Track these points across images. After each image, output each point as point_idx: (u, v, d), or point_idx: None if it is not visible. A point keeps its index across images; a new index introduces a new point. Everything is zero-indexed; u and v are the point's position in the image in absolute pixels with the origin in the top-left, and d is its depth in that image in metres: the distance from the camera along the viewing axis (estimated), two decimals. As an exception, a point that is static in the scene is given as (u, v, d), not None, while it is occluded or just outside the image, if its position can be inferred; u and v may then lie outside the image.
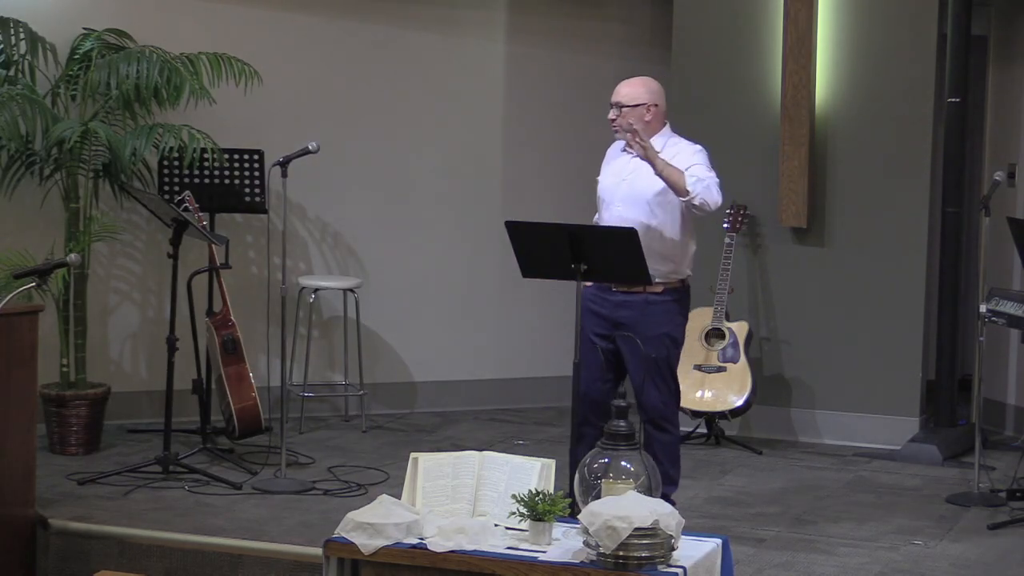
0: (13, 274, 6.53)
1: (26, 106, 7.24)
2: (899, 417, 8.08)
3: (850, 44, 8.14)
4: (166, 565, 6.09)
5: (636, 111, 6.18)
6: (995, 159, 8.50)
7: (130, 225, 8.13)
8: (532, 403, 8.93)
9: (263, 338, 7.73)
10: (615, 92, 6.24)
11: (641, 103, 6.19)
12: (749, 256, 8.33)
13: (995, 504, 6.89)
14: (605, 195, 6.29)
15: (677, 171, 6.01)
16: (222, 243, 7.57)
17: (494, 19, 8.87)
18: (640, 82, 6.26)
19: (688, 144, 6.22)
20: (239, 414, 7.39)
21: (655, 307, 6.15)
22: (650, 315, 6.15)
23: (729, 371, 7.97)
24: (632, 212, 6.16)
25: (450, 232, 8.83)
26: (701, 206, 6.06)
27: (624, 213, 6.17)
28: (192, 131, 7.47)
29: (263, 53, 8.08)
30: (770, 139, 8.21)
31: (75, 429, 7.48)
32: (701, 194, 6.02)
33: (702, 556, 4.80)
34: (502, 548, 4.81)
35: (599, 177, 6.37)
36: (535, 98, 8.99)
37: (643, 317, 6.14)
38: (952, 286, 8.13)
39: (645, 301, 6.14)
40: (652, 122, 6.20)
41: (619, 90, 6.24)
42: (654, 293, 6.14)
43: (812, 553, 6.18)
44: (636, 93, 6.21)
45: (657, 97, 6.24)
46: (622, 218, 6.15)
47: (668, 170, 5.99)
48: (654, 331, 6.13)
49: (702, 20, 8.40)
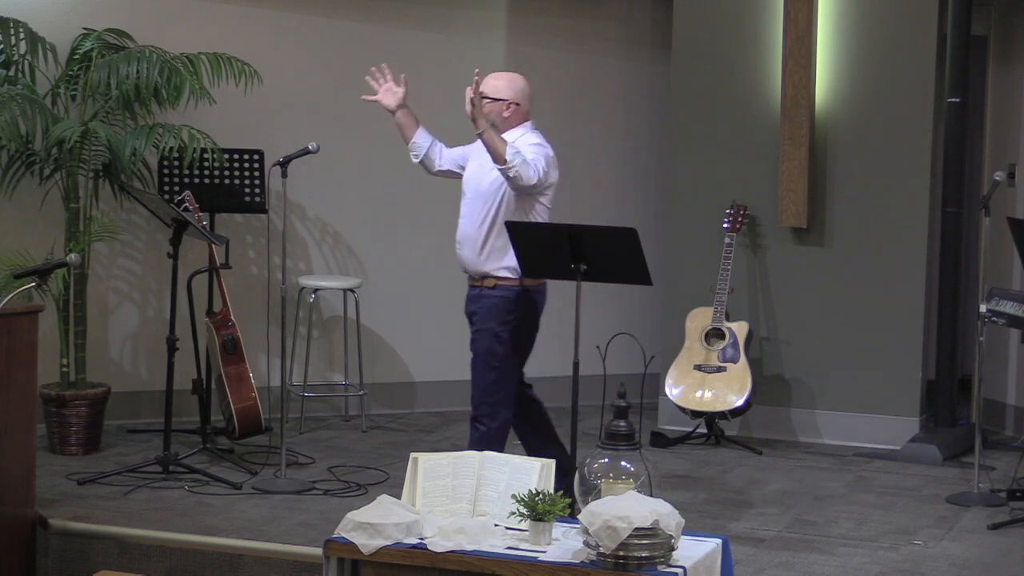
0: (13, 274, 6.54)
1: (26, 106, 7.24)
2: (899, 417, 8.08)
3: (850, 44, 8.14)
4: (166, 565, 6.09)
5: (496, 105, 6.27)
6: (995, 159, 8.50)
7: (130, 225, 8.13)
8: (532, 403, 8.92)
9: (263, 338, 7.74)
10: (482, 81, 6.27)
11: (501, 98, 6.28)
12: (749, 256, 8.33)
13: (995, 504, 6.89)
14: (464, 184, 6.43)
15: (503, 141, 6.07)
16: (222, 243, 7.57)
17: (494, 19, 8.87)
18: (507, 77, 6.36)
19: (536, 136, 6.27)
20: (239, 414, 7.39)
21: (486, 301, 6.28)
22: (483, 308, 6.28)
23: (729, 371, 7.96)
24: (476, 205, 6.28)
25: (450, 232, 8.79)
26: (515, 178, 6.08)
27: (470, 204, 6.32)
28: (192, 131, 7.48)
29: (263, 53, 8.08)
30: (770, 139, 8.21)
31: (75, 429, 7.48)
32: (518, 166, 6.06)
33: (702, 556, 4.80)
34: (502, 548, 4.81)
35: None
36: (535, 98, 8.96)
37: (479, 310, 6.29)
38: (952, 286, 8.13)
39: (480, 295, 6.29)
40: (510, 118, 6.28)
41: (485, 80, 6.29)
42: (488, 288, 6.27)
43: (812, 553, 6.18)
44: (499, 87, 6.30)
45: (520, 96, 6.31)
46: (468, 208, 6.30)
47: (492, 134, 6.05)
48: (480, 324, 6.28)
49: (702, 20, 8.40)
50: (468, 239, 6.30)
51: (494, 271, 6.26)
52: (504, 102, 6.29)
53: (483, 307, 6.29)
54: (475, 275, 6.33)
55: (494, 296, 6.27)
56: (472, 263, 6.31)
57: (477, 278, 6.32)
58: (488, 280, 6.28)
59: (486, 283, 6.28)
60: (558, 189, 8.96)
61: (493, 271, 6.26)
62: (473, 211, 6.30)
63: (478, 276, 6.31)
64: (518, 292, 6.27)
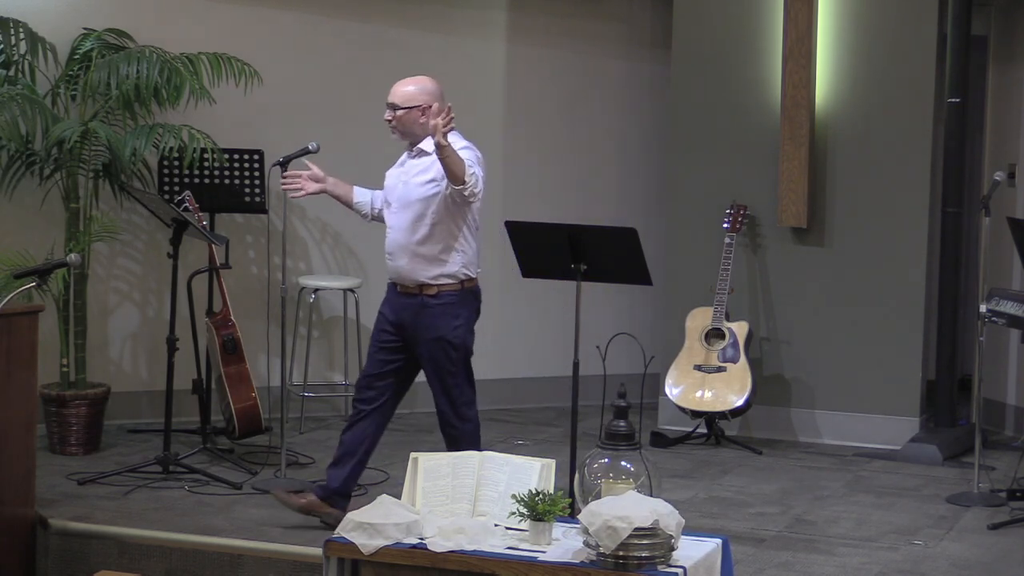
0: (13, 274, 6.54)
1: (26, 106, 7.24)
2: (899, 417, 8.08)
3: (850, 44, 8.14)
4: (166, 565, 6.09)
5: (411, 113, 6.12)
6: (995, 159, 8.50)
7: (130, 225, 8.13)
8: (532, 403, 8.93)
9: (263, 338, 7.73)
10: (391, 92, 6.17)
11: (415, 104, 6.12)
12: (749, 256, 8.33)
13: (995, 504, 6.89)
14: (386, 194, 6.24)
15: (462, 161, 5.95)
16: (222, 243, 7.57)
17: (494, 19, 8.87)
18: (414, 82, 6.18)
19: (459, 139, 6.11)
20: (239, 414, 7.39)
21: (431, 310, 6.08)
22: (428, 318, 6.09)
23: (729, 371, 7.96)
24: (404, 215, 6.10)
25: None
26: (469, 197, 5.98)
27: (401, 214, 6.12)
28: (192, 131, 7.48)
29: (263, 53, 8.08)
30: (770, 139, 8.21)
31: (75, 429, 7.48)
32: (472, 187, 5.95)
33: (702, 556, 4.80)
34: (502, 548, 4.81)
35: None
36: (535, 98, 8.99)
37: (418, 320, 6.10)
38: (952, 286, 8.13)
39: (421, 304, 6.09)
40: (428, 123, 6.10)
41: (394, 90, 6.17)
42: (429, 296, 6.08)
43: (812, 553, 6.18)
44: (410, 94, 6.14)
45: (432, 97, 6.15)
46: (398, 218, 6.12)
47: (454, 157, 5.92)
48: (427, 334, 6.09)
49: (702, 20, 8.40)
50: (402, 249, 6.09)
51: (434, 279, 6.07)
52: (418, 108, 6.11)
53: (427, 316, 6.08)
54: (411, 284, 6.10)
55: (438, 304, 6.09)
56: (409, 273, 6.09)
57: (414, 287, 6.10)
58: (429, 288, 6.08)
59: (427, 292, 6.08)
60: (558, 189, 9.02)
61: (433, 279, 6.07)
62: (403, 221, 6.10)
63: (415, 285, 6.10)
64: (460, 295, 6.13)
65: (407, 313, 6.13)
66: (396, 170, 6.26)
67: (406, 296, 6.13)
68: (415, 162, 6.15)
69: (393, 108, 6.13)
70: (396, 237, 6.13)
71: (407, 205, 6.11)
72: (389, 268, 6.19)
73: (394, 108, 6.13)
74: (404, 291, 6.13)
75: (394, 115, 6.13)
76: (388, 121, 6.15)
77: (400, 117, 6.11)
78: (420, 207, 6.07)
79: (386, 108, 6.16)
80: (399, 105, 6.12)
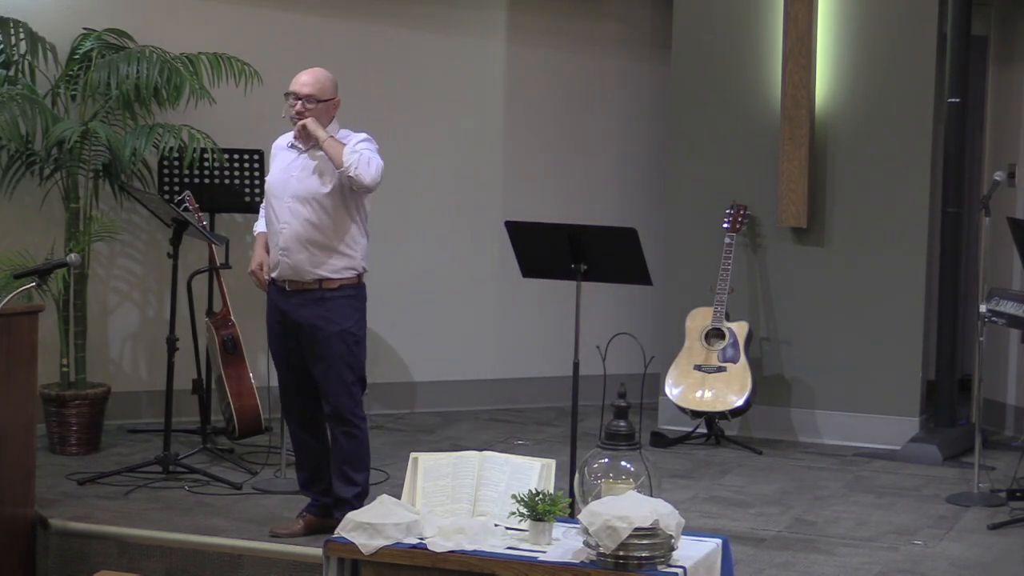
0: (13, 274, 6.54)
1: (26, 106, 7.24)
2: (899, 417, 8.08)
3: (850, 44, 8.14)
4: (166, 565, 6.09)
5: (327, 105, 6.05)
6: (995, 159, 8.50)
7: (130, 225, 8.13)
8: (532, 403, 8.93)
9: (263, 338, 7.70)
10: (297, 82, 6.03)
11: (330, 98, 6.06)
12: (749, 256, 8.33)
13: (995, 504, 6.89)
14: (275, 190, 6.09)
15: (340, 144, 5.93)
16: (222, 243, 7.57)
17: (494, 19, 8.87)
18: (325, 75, 6.07)
19: (357, 134, 6.08)
20: (239, 414, 7.39)
21: (331, 303, 6.03)
22: (329, 311, 6.03)
23: (729, 371, 7.96)
24: (304, 208, 6.00)
25: (450, 232, 8.84)
26: (355, 177, 5.90)
27: (296, 209, 6.01)
28: (192, 131, 7.48)
29: (263, 53, 8.08)
30: (770, 139, 8.21)
31: (75, 429, 7.48)
32: (356, 164, 5.89)
33: (702, 556, 4.80)
34: (502, 548, 4.81)
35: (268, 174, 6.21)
36: (535, 98, 8.99)
37: (322, 313, 6.03)
38: (952, 286, 8.13)
39: (321, 298, 6.03)
40: (330, 115, 6.07)
41: (302, 80, 6.03)
42: (330, 289, 6.03)
43: (812, 553, 6.18)
44: (326, 88, 6.04)
45: (333, 90, 6.08)
46: (293, 213, 6.00)
47: (331, 142, 5.92)
48: (329, 328, 6.03)
49: (702, 20, 8.40)
50: (297, 243, 5.99)
51: (333, 272, 6.02)
52: (332, 101, 6.05)
53: (328, 310, 6.02)
54: (308, 279, 6.02)
55: (340, 297, 6.03)
56: (305, 267, 6.01)
57: (311, 282, 6.02)
58: (329, 282, 6.01)
59: (327, 285, 6.01)
60: (558, 189, 9.01)
61: (332, 273, 6.02)
62: (296, 216, 6.00)
63: (313, 280, 6.01)
64: (358, 288, 6.10)
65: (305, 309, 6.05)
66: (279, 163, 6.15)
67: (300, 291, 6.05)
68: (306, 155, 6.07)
69: (306, 99, 6.00)
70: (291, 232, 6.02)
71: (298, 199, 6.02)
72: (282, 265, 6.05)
73: (308, 99, 6.00)
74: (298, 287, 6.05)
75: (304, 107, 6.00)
76: (298, 113, 5.99)
77: (316, 111, 6.00)
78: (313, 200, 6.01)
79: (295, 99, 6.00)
80: (319, 97, 6.02)
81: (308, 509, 6.22)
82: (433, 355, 8.82)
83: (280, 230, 6.05)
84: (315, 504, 6.22)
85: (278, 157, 6.19)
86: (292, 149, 6.13)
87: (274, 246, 6.10)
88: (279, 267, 6.07)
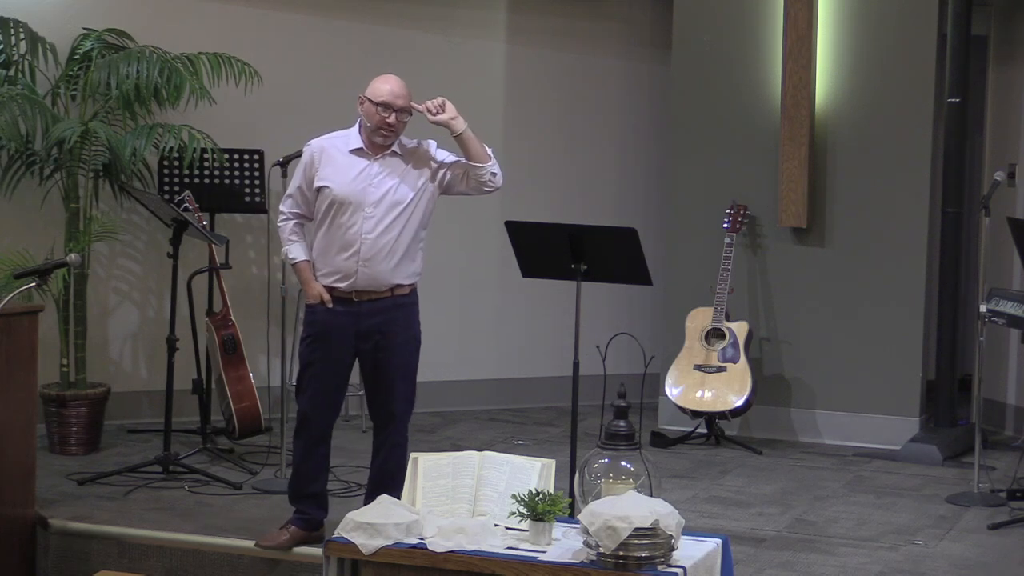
0: (13, 274, 6.54)
1: (26, 106, 7.24)
2: (899, 417, 8.08)
3: (850, 44, 8.14)
4: (166, 565, 6.09)
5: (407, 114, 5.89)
6: (995, 159, 8.50)
7: (130, 225, 8.13)
8: (532, 403, 8.93)
9: (263, 338, 7.73)
10: (396, 96, 5.81)
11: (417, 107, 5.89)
12: (749, 256, 8.33)
13: (995, 504, 6.89)
14: (351, 198, 5.75)
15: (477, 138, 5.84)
16: (222, 243, 7.58)
17: (494, 19, 8.87)
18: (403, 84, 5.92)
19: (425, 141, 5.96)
20: (239, 414, 7.39)
21: (404, 310, 5.89)
22: (401, 317, 5.88)
23: (729, 371, 7.96)
24: (388, 216, 5.77)
25: (449, 232, 8.82)
26: (498, 174, 5.85)
27: (380, 216, 5.75)
28: (192, 131, 7.48)
29: (263, 53, 8.08)
30: (770, 139, 8.21)
31: (75, 429, 7.48)
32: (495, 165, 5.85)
33: (702, 556, 4.80)
34: (502, 548, 4.82)
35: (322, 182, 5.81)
36: (535, 98, 8.99)
37: (396, 319, 5.86)
38: (952, 286, 8.13)
39: (394, 305, 5.86)
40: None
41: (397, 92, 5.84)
42: (402, 295, 5.88)
43: (812, 553, 6.18)
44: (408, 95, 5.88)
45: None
46: (377, 221, 5.75)
47: (474, 137, 5.83)
48: (404, 333, 5.89)
49: (702, 20, 8.40)
50: (382, 253, 5.77)
51: (405, 278, 5.87)
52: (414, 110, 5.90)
53: (401, 316, 5.86)
54: (382, 288, 5.81)
55: (410, 302, 5.91)
56: (385, 276, 5.79)
57: (385, 290, 5.82)
58: (401, 288, 5.85)
59: (399, 292, 5.85)
60: (558, 189, 9.02)
61: (404, 279, 5.87)
62: (381, 224, 5.75)
63: (387, 288, 5.83)
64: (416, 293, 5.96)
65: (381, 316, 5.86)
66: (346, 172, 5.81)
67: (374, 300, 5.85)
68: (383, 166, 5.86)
69: (403, 111, 5.84)
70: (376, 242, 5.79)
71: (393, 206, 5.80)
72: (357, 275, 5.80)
73: (405, 111, 5.85)
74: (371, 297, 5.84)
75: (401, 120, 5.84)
76: (391, 126, 5.81)
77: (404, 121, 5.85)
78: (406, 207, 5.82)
79: (393, 112, 5.80)
80: (408, 109, 5.86)
81: (296, 522, 6.01)
82: (433, 355, 8.79)
83: (362, 240, 5.76)
84: (304, 517, 6.03)
85: (338, 163, 5.84)
86: (357, 156, 5.84)
87: (344, 257, 5.80)
88: (355, 278, 5.80)
